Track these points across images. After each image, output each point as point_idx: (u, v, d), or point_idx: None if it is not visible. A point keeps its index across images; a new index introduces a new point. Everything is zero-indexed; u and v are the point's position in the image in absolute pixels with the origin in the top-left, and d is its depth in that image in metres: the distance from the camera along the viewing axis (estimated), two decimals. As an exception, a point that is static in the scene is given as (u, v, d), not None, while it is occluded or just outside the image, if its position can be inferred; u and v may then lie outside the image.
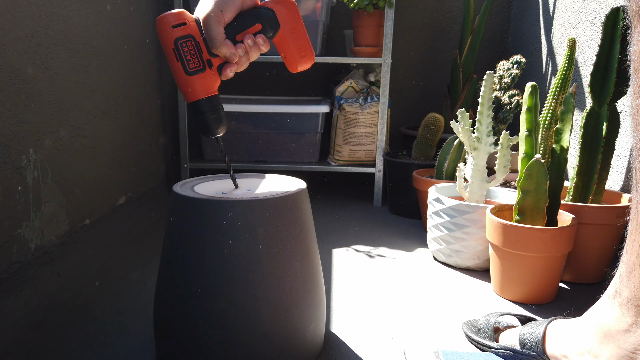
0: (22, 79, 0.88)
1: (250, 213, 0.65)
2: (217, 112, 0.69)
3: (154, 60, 1.51)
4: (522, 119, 0.98)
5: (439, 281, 1.06)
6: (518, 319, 0.79)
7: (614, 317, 0.58)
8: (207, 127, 0.69)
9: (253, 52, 0.68)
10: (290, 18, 0.69)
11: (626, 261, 0.57)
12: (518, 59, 1.22)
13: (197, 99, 0.68)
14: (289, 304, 0.68)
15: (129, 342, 0.79)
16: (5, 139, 0.84)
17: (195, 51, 0.66)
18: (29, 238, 0.91)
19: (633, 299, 0.55)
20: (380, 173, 1.63)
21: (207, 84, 0.68)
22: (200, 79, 0.67)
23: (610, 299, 0.59)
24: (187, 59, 0.66)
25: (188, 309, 0.67)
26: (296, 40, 0.69)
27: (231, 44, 0.66)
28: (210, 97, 0.68)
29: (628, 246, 0.57)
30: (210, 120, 0.69)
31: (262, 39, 0.68)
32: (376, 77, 1.69)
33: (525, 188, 0.94)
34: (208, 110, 0.68)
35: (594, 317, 0.62)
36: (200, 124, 0.69)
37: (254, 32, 0.68)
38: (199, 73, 0.67)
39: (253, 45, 0.67)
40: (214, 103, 0.69)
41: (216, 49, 0.65)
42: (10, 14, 0.85)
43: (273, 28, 0.68)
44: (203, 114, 0.68)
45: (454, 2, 1.91)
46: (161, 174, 1.60)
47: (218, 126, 0.70)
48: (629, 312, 0.55)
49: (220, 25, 0.65)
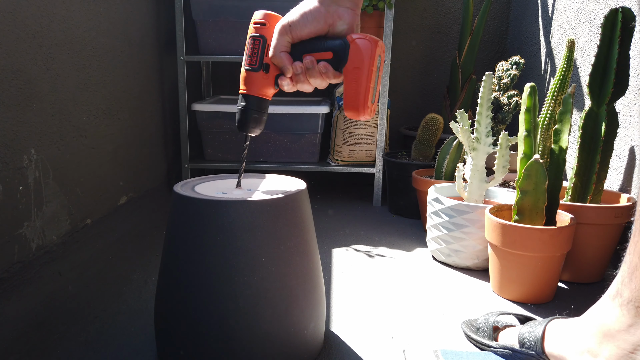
0: (24, 79, 0.89)
1: (250, 213, 0.66)
2: (260, 114, 0.71)
3: (155, 61, 1.51)
4: (521, 120, 0.99)
5: (438, 281, 1.06)
6: (517, 318, 0.79)
7: (614, 317, 0.58)
8: (244, 121, 0.71)
9: (312, 75, 0.67)
10: (360, 58, 0.64)
11: (628, 262, 0.57)
12: (517, 59, 1.23)
13: (246, 93, 0.70)
14: (289, 304, 0.68)
15: (130, 341, 0.80)
16: (6, 139, 0.84)
17: (258, 51, 0.68)
18: (31, 238, 0.91)
19: (634, 300, 0.55)
20: (379, 173, 1.64)
21: (257, 84, 0.70)
22: (251, 77, 0.69)
23: (611, 299, 0.59)
24: (249, 55, 0.69)
25: (188, 309, 0.67)
26: (353, 85, 0.65)
27: (288, 58, 0.67)
28: (259, 98, 0.70)
29: (631, 247, 0.57)
30: (249, 117, 0.71)
31: (325, 66, 0.66)
32: (376, 77, 1.69)
33: (524, 188, 0.94)
34: (252, 108, 0.71)
35: (594, 317, 0.62)
36: (240, 116, 0.72)
37: (322, 58, 0.66)
38: (252, 71, 0.69)
39: (312, 67, 0.66)
40: (260, 104, 0.71)
41: (272, 57, 0.68)
42: (12, 14, 0.85)
43: (341, 61, 0.66)
44: (246, 109, 0.71)
45: (453, 3, 1.92)
46: (162, 174, 1.60)
47: (254, 126, 0.72)
48: (629, 312, 0.56)
49: (283, 37, 0.66)
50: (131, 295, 0.96)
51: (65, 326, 0.84)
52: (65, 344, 0.78)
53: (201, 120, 1.66)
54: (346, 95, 0.66)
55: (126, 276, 1.04)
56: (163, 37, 1.57)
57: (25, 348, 0.77)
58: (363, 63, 0.64)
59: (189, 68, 1.68)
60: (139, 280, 1.02)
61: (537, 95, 0.98)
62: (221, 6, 1.56)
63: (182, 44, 1.55)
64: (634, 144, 1.03)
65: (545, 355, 0.68)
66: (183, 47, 1.56)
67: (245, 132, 0.72)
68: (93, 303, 0.92)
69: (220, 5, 1.55)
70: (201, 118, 1.65)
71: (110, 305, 0.92)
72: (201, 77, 1.95)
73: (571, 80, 1.28)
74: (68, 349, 0.77)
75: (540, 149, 1.04)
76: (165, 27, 1.58)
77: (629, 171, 1.05)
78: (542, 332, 0.69)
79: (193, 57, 1.59)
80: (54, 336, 0.81)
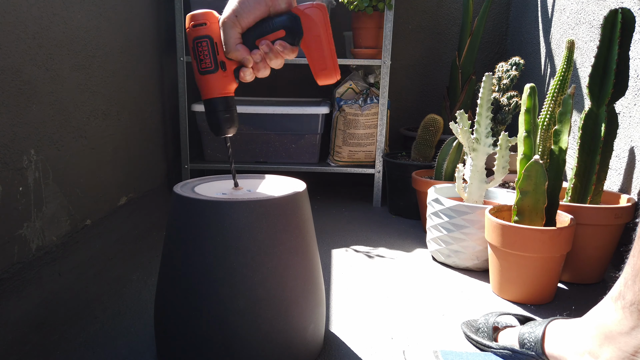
0: (24, 80, 0.89)
1: (250, 214, 0.66)
2: (230, 113, 0.70)
3: (155, 62, 1.51)
4: (520, 120, 0.99)
5: (438, 281, 1.06)
6: (517, 318, 0.79)
7: (616, 319, 0.58)
8: (216, 125, 0.70)
9: (272, 58, 0.67)
10: (315, 26, 0.66)
11: (632, 264, 0.57)
12: (517, 60, 1.23)
13: (209, 97, 0.69)
14: (289, 304, 0.68)
15: (130, 342, 0.80)
16: (6, 139, 0.84)
17: (209, 52, 0.67)
18: (30, 238, 0.91)
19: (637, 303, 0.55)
20: (379, 174, 1.64)
21: (220, 85, 0.68)
22: (212, 79, 0.68)
23: (614, 301, 0.59)
24: (200, 59, 0.67)
25: (188, 309, 0.67)
26: (318, 51, 0.67)
27: (245, 49, 0.66)
28: (224, 97, 0.69)
29: (635, 249, 0.56)
30: (221, 119, 0.70)
31: (282, 45, 0.66)
32: (376, 78, 1.69)
33: (524, 189, 0.94)
34: (220, 110, 0.69)
35: (595, 318, 0.62)
36: (210, 121, 0.70)
37: (275, 38, 0.66)
38: (210, 73, 0.67)
39: (269, 51, 0.66)
40: (226, 103, 0.69)
41: (229, 53, 0.66)
42: (12, 15, 0.85)
43: (296, 35, 0.66)
44: (214, 113, 0.69)
45: (453, 4, 1.92)
46: (162, 175, 1.60)
47: (229, 126, 0.71)
48: (632, 315, 0.56)
49: (234, 29, 0.65)
50: (131, 295, 0.96)
51: (65, 327, 0.84)
52: (65, 344, 0.78)
53: (201, 121, 1.66)
54: (315, 63, 0.67)
55: (126, 276, 1.04)
56: (163, 37, 1.57)
57: (25, 348, 0.77)
58: (321, 30, 0.66)
59: (189, 68, 1.68)
60: (139, 280, 1.02)
61: (536, 96, 0.98)
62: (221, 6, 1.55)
63: (182, 44, 1.56)
64: (634, 144, 1.03)
65: (546, 356, 0.68)
66: (183, 48, 1.56)
67: (222, 135, 0.71)
68: (93, 303, 0.92)
69: (220, 5, 1.55)
70: (201, 119, 1.65)
71: (110, 305, 0.92)
72: (201, 77, 1.95)
73: (571, 81, 1.28)
74: (68, 349, 0.77)
75: (540, 150, 1.04)
76: (165, 28, 1.58)
77: (629, 172, 1.05)
78: (542, 333, 0.69)
79: (193, 57, 1.59)
80: (54, 336, 0.81)
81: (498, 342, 0.76)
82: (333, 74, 0.68)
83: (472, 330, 0.81)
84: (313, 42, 0.67)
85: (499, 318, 0.80)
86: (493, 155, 1.22)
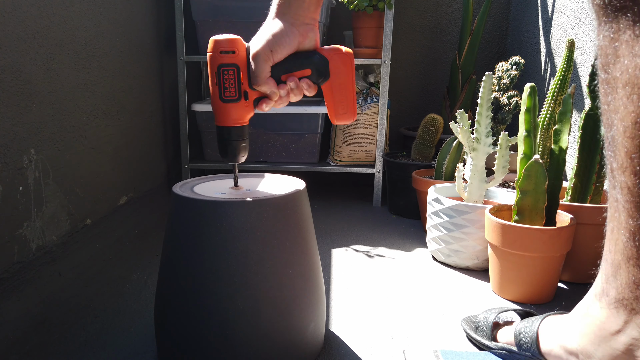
0: (24, 79, 0.89)
1: (250, 213, 0.66)
2: (244, 142, 0.70)
3: (155, 61, 1.51)
4: (520, 120, 0.99)
5: (438, 281, 1.06)
6: (518, 313, 0.79)
7: (604, 317, 0.57)
8: (231, 154, 0.71)
9: (296, 94, 0.69)
10: (342, 73, 0.68)
11: (610, 260, 0.56)
12: (517, 60, 1.23)
13: (226, 125, 0.69)
14: (289, 304, 0.68)
15: (130, 342, 0.80)
16: (6, 139, 0.84)
17: (234, 81, 0.67)
18: (30, 238, 0.91)
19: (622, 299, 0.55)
20: (379, 173, 1.64)
21: (239, 114, 0.68)
22: (233, 109, 0.68)
23: (598, 298, 0.59)
24: (225, 87, 0.67)
25: (188, 309, 0.67)
26: (342, 95, 0.69)
27: (274, 83, 0.67)
28: (238, 127, 0.69)
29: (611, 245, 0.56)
30: (236, 148, 0.70)
31: (307, 83, 0.68)
32: (376, 78, 1.69)
33: (524, 188, 0.94)
34: (234, 139, 0.69)
35: (583, 316, 0.62)
36: (222, 148, 0.70)
37: (302, 75, 0.68)
38: (233, 102, 0.67)
39: (295, 88, 0.68)
40: (240, 133, 0.70)
41: (258, 86, 0.67)
42: (12, 14, 0.85)
43: (322, 77, 0.68)
44: (228, 141, 0.69)
45: (453, 4, 1.92)
46: (162, 175, 1.60)
47: (243, 154, 0.71)
48: (619, 312, 0.55)
49: (267, 64, 0.66)
50: (131, 295, 0.96)
51: (65, 326, 0.84)
52: (65, 344, 0.78)
53: (201, 121, 1.66)
54: (336, 106, 0.70)
55: (126, 276, 1.04)
56: (163, 37, 1.57)
57: (25, 348, 0.77)
58: (348, 77, 0.69)
59: (189, 68, 1.68)
60: (139, 280, 1.03)
61: (537, 95, 0.98)
62: (221, 6, 1.56)
63: (182, 44, 1.56)
64: (634, 144, 1.03)
65: (542, 356, 0.68)
66: (183, 48, 1.56)
67: (233, 162, 0.72)
68: (93, 303, 0.92)
69: (220, 5, 1.56)
70: (201, 118, 1.65)
71: (110, 305, 0.92)
72: (201, 77, 1.95)
73: (571, 81, 1.28)
74: (68, 349, 0.77)
75: (540, 149, 1.04)
76: (165, 27, 1.58)
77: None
78: (537, 332, 0.69)
79: (193, 57, 1.59)
80: (54, 336, 0.81)
81: (497, 339, 0.76)
82: (352, 116, 0.71)
83: (472, 327, 0.81)
84: (338, 87, 0.69)
85: (500, 315, 0.80)
86: (493, 155, 1.22)
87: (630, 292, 0.54)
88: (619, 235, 0.54)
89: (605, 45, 0.51)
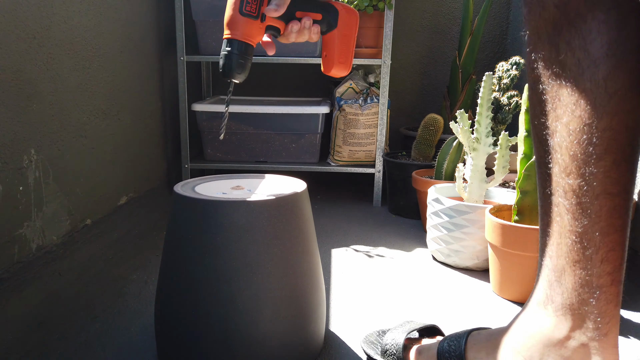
0: (24, 79, 0.89)
1: (250, 213, 0.66)
2: (244, 59, 0.70)
3: (155, 61, 1.51)
4: (521, 120, 0.99)
5: (438, 281, 1.06)
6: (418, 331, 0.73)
7: (552, 324, 0.55)
8: (229, 68, 0.70)
9: (303, 34, 0.73)
10: (348, 25, 0.75)
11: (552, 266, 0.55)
12: (517, 60, 1.23)
13: (233, 37, 0.69)
14: (289, 304, 0.68)
15: (130, 341, 0.80)
16: (6, 139, 0.84)
17: None
18: (31, 238, 0.91)
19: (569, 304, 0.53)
20: (379, 173, 1.64)
21: (251, 31, 0.70)
22: (248, 23, 0.69)
23: (543, 307, 0.56)
24: (248, 2, 0.68)
25: (189, 309, 0.67)
26: (343, 46, 0.76)
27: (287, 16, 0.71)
28: (244, 43, 0.70)
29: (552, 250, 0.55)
30: (234, 60, 0.70)
31: (317, 28, 0.73)
32: (376, 78, 1.69)
33: (524, 188, 0.94)
34: (237, 52, 0.70)
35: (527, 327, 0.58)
36: (224, 61, 0.70)
37: (314, 18, 0.73)
38: (250, 18, 0.69)
39: (307, 28, 0.72)
40: (246, 49, 0.70)
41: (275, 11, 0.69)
42: (12, 14, 0.85)
43: (330, 25, 0.74)
44: (231, 53, 0.70)
45: (453, 4, 1.92)
46: (162, 174, 1.60)
47: (239, 71, 0.71)
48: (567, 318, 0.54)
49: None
50: (131, 295, 0.96)
51: (65, 326, 0.84)
52: (66, 344, 0.78)
53: (201, 121, 1.66)
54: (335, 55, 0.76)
55: (126, 276, 1.04)
56: (163, 37, 1.57)
57: (25, 348, 0.77)
58: (352, 31, 0.76)
59: (189, 68, 1.68)
60: (139, 280, 1.03)
61: (537, 95, 0.98)
62: (221, 6, 1.55)
63: (182, 44, 1.55)
64: (634, 144, 1.03)
65: None
66: (183, 47, 1.56)
67: (229, 79, 0.71)
68: (93, 303, 0.92)
69: (220, 5, 1.55)
70: (201, 118, 1.65)
71: (110, 305, 0.92)
72: (201, 77, 1.95)
73: (571, 81, 1.28)
74: (68, 349, 0.77)
75: (540, 149, 1.04)
76: (165, 27, 1.58)
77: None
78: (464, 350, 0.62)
79: (193, 57, 1.59)
80: (54, 336, 0.81)
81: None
82: (347, 68, 0.77)
83: (377, 351, 0.73)
84: (342, 38, 0.75)
85: (409, 335, 0.72)
86: (493, 155, 1.22)
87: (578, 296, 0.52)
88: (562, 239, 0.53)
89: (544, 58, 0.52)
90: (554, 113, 0.52)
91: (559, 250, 0.54)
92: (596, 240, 0.51)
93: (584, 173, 0.50)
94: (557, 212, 0.53)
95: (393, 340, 0.71)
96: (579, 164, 0.50)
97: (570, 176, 0.51)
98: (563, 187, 0.52)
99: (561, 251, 0.54)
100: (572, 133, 0.50)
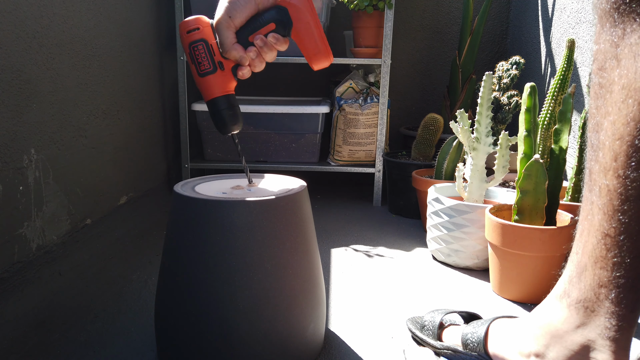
0: (24, 79, 0.89)
1: (250, 213, 0.66)
2: (233, 110, 0.71)
3: (155, 61, 1.51)
4: (521, 120, 0.99)
5: (438, 280, 1.06)
6: (462, 316, 0.79)
7: (562, 317, 0.56)
8: (222, 124, 0.72)
9: (266, 52, 0.69)
10: (303, 14, 0.69)
11: (576, 262, 0.56)
12: (517, 59, 1.23)
13: (211, 98, 0.71)
14: (289, 304, 0.68)
15: (130, 341, 0.80)
16: (6, 139, 0.84)
17: (206, 54, 0.69)
18: (31, 238, 0.91)
19: (583, 300, 0.54)
20: (379, 173, 1.64)
21: (220, 84, 0.70)
22: (212, 80, 0.70)
23: (558, 300, 0.58)
24: (199, 62, 0.69)
25: (189, 309, 0.67)
26: (309, 36, 0.70)
27: (241, 48, 0.68)
28: (225, 96, 0.71)
29: (578, 247, 0.56)
30: (225, 116, 0.71)
31: (275, 37, 0.68)
32: (376, 77, 1.69)
33: (524, 188, 0.94)
34: (223, 108, 0.71)
35: (540, 318, 0.60)
36: (215, 121, 0.72)
37: (267, 31, 0.69)
38: (210, 74, 0.69)
39: (263, 45, 0.68)
40: (228, 101, 0.71)
41: (226, 53, 0.68)
42: (12, 14, 0.85)
43: (287, 26, 0.69)
44: (218, 112, 0.71)
45: (453, 4, 1.92)
46: (162, 174, 1.60)
47: (233, 123, 0.72)
48: (578, 313, 0.55)
49: (229, 30, 0.67)
50: (131, 295, 0.96)
51: (65, 326, 0.84)
52: (65, 344, 0.78)
53: (201, 120, 1.66)
54: (308, 49, 0.70)
55: (126, 276, 1.04)
56: (163, 37, 1.57)
57: (26, 348, 0.77)
58: (309, 16, 0.69)
59: (189, 68, 1.68)
60: (139, 280, 1.03)
61: (537, 95, 0.98)
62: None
63: (182, 44, 1.55)
64: (634, 143, 1.03)
65: (489, 357, 0.67)
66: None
67: (228, 134, 0.73)
68: (93, 303, 0.92)
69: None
70: (201, 118, 1.65)
71: (110, 305, 0.92)
72: (201, 77, 1.95)
73: (571, 80, 1.28)
74: (68, 349, 0.77)
75: (540, 149, 1.04)
76: (165, 27, 1.58)
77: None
78: (485, 333, 0.68)
79: (193, 57, 1.59)
80: (54, 336, 0.81)
81: (442, 340, 0.76)
82: (326, 56, 0.70)
83: (417, 327, 0.81)
84: (303, 30, 0.69)
85: (445, 316, 0.79)
86: (493, 155, 1.22)
87: (593, 294, 0.53)
88: (589, 238, 0.53)
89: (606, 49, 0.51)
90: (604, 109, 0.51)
91: (585, 247, 0.54)
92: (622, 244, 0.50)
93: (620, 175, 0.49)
94: (589, 210, 0.53)
95: (432, 317, 0.79)
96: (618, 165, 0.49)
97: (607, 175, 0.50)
98: (600, 186, 0.51)
99: (586, 249, 0.54)
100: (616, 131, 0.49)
